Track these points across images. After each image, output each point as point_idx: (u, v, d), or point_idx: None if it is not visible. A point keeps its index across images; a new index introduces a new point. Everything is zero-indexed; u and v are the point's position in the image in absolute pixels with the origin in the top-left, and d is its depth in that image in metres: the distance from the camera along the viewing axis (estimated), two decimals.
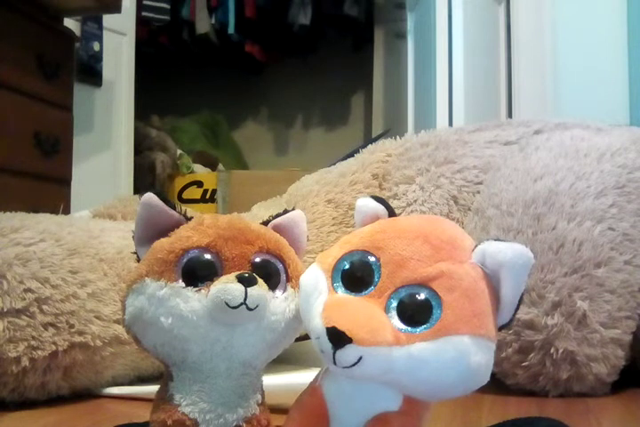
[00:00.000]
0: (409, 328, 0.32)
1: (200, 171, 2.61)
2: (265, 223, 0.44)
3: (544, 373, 0.76)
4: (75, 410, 0.68)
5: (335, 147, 2.91)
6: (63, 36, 1.75)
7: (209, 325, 0.36)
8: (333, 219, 0.97)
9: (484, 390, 0.76)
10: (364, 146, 1.14)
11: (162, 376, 0.42)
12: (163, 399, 0.40)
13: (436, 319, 0.32)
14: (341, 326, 0.31)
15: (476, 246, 0.34)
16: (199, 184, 2.54)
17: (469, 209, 0.92)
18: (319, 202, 0.99)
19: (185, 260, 0.38)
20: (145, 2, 2.79)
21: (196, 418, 0.39)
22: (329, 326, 0.31)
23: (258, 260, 0.39)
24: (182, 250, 0.38)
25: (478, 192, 0.92)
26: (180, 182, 2.55)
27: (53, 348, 0.69)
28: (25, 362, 0.67)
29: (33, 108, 1.59)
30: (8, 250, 0.72)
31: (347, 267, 0.35)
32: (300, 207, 0.96)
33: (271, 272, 0.39)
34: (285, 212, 0.44)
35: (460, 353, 0.32)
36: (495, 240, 0.34)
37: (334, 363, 0.31)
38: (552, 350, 0.74)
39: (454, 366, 0.32)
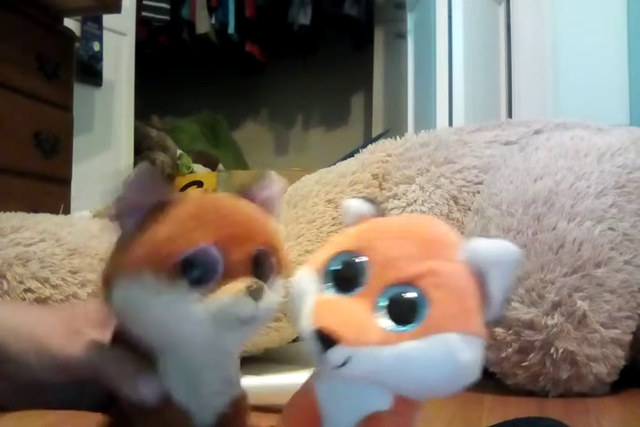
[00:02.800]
0: (397, 327, 0.32)
1: (200, 171, 2.61)
2: (243, 194, 0.41)
3: (544, 373, 0.76)
4: (75, 410, 0.68)
5: (335, 147, 2.92)
6: (63, 36, 1.75)
7: (208, 327, 0.36)
8: (333, 219, 0.97)
9: (484, 390, 0.77)
10: (364, 146, 1.14)
11: None
12: None
13: (424, 318, 0.32)
14: (329, 327, 0.31)
15: (463, 244, 0.34)
16: (199, 184, 2.54)
17: (469, 209, 0.92)
18: (319, 202, 0.99)
19: (188, 257, 0.36)
20: (145, 2, 2.79)
21: (186, 410, 0.39)
22: (317, 327, 0.31)
23: (257, 257, 0.38)
24: (186, 245, 0.36)
25: (478, 192, 0.92)
26: (179, 182, 2.55)
27: None
28: None
29: (33, 108, 1.59)
30: (8, 250, 0.72)
31: (336, 268, 0.35)
32: (300, 207, 0.97)
33: (267, 268, 0.39)
34: (260, 178, 0.43)
35: (448, 351, 0.32)
36: (482, 237, 0.34)
37: (323, 363, 0.32)
38: (552, 350, 0.74)
39: (443, 364, 0.32)
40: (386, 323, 0.32)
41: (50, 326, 0.44)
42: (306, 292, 0.35)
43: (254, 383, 0.65)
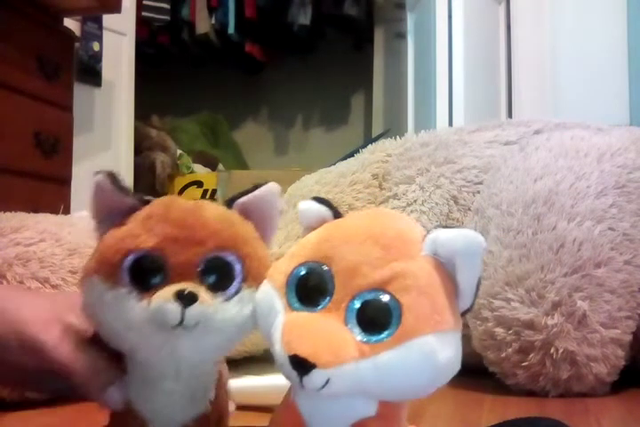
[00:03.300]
0: (371, 337, 0.31)
1: (200, 171, 2.61)
2: (229, 202, 0.40)
3: (544, 373, 0.76)
4: (75, 410, 0.68)
5: (335, 147, 2.91)
6: (63, 36, 1.75)
7: (154, 331, 0.35)
8: None
9: (484, 390, 0.77)
10: (364, 146, 1.14)
11: None
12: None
13: (397, 324, 0.31)
14: (303, 353, 0.30)
15: (426, 237, 0.34)
16: (199, 184, 2.54)
17: (469, 209, 0.92)
18: None
19: (131, 262, 0.36)
20: (145, 2, 2.79)
21: (143, 417, 0.38)
22: (290, 353, 0.31)
23: (208, 262, 0.36)
24: (128, 251, 0.36)
25: (478, 192, 0.92)
26: (180, 182, 2.55)
27: None
28: None
29: (33, 108, 1.59)
30: (8, 250, 0.72)
31: (298, 281, 0.34)
32: None
33: (223, 273, 0.37)
34: (255, 187, 0.40)
35: (426, 355, 0.31)
36: (443, 227, 0.33)
37: (302, 387, 0.31)
38: (552, 350, 0.74)
39: (423, 368, 0.31)
40: (359, 334, 0.31)
41: (33, 310, 0.44)
42: (272, 310, 0.34)
43: (254, 383, 0.65)
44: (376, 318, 0.32)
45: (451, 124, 2.14)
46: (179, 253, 0.36)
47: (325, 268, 0.33)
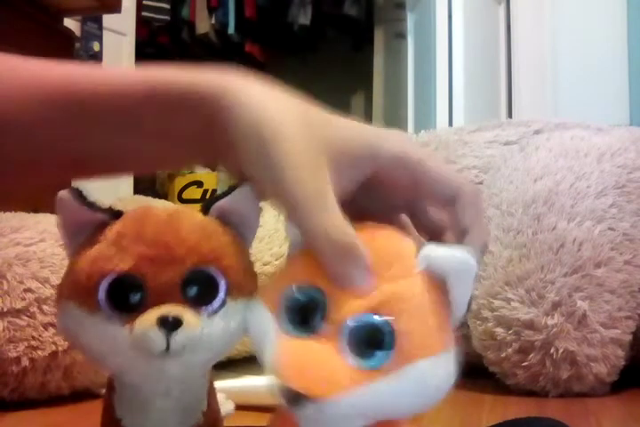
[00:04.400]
0: (365, 363, 0.31)
1: (200, 171, 2.61)
2: (206, 207, 0.37)
3: (544, 373, 0.76)
4: (75, 410, 0.68)
5: None
6: (63, 36, 1.75)
7: (139, 356, 0.33)
8: None
9: (484, 390, 0.77)
10: None
11: None
12: (106, 409, 0.38)
13: (390, 349, 0.31)
14: (296, 385, 0.30)
15: (419, 253, 0.33)
16: (199, 184, 2.55)
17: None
18: None
19: (106, 286, 0.33)
20: (145, 2, 2.79)
21: None
22: (283, 386, 0.30)
23: (189, 277, 0.34)
24: (101, 275, 0.33)
25: None
26: (180, 182, 2.55)
27: (53, 348, 0.69)
28: (25, 362, 0.68)
29: None
30: (8, 250, 0.72)
31: (291, 304, 0.33)
32: None
33: (206, 287, 0.35)
34: (231, 189, 0.37)
35: (420, 382, 0.31)
36: (435, 245, 0.33)
37: (296, 413, 0.31)
38: (552, 350, 0.74)
39: (417, 394, 0.31)
40: (353, 360, 0.31)
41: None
42: (264, 332, 0.33)
43: (254, 383, 0.65)
44: (370, 344, 0.31)
45: (451, 124, 2.14)
46: (157, 274, 0.33)
47: (317, 289, 0.32)
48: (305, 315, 0.32)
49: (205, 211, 0.37)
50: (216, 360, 0.37)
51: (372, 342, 0.31)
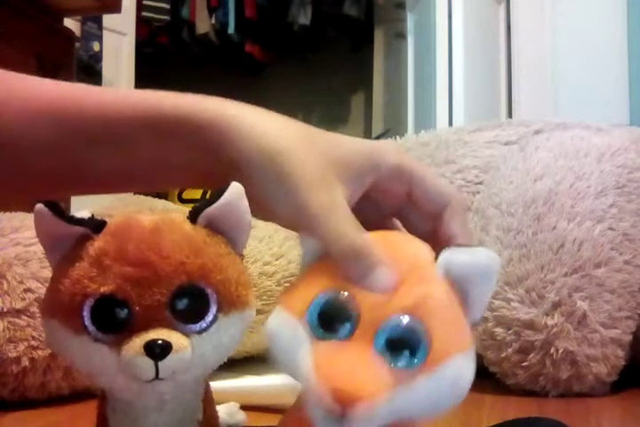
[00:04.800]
0: (403, 364, 0.31)
1: None
2: (194, 215, 0.35)
3: (544, 373, 0.76)
4: (75, 410, 0.68)
5: None
6: (63, 36, 1.75)
7: (121, 380, 0.33)
8: None
9: (484, 390, 0.77)
10: None
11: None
12: (99, 419, 0.38)
13: (426, 348, 0.31)
14: (345, 387, 0.29)
15: (438, 258, 0.33)
16: None
17: (469, 209, 0.92)
18: None
19: (90, 308, 0.32)
20: (145, 2, 2.79)
21: None
22: (330, 388, 0.29)
23: (178, 294, 0.33)
24: (84, 296, 0.32)
25: (478, 192, 0.92)
26: None
27: None
28: (25, 362, 0.67)
29: None
30: (8, 250, 0.72)
31: (322, 309, 0.32)
32: None
33: (196, 302, 0.33)
34: (219, 193, 0.35)
35: (455, 378, 0.31)
36: (457, 248, 0.33)
37: (339, 425, 0.30)
38: (552, 350, 0.74)
39: (454, 389, 0.32)
40: (390, 361, 0.31)
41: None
42: (296, 340, 0.32)
43: (254, 383, 0.65)
44: (406, 344, 0.31)
45: (451, 124, 2.14)
46: (142, 295, 0.32)
47: (348, 294, 0.32)
48: (335, 320, 0.32)
49: (193, 219, 0.35)
50: (209, 372, 0.36)
51: (408, 342, 0.31)
